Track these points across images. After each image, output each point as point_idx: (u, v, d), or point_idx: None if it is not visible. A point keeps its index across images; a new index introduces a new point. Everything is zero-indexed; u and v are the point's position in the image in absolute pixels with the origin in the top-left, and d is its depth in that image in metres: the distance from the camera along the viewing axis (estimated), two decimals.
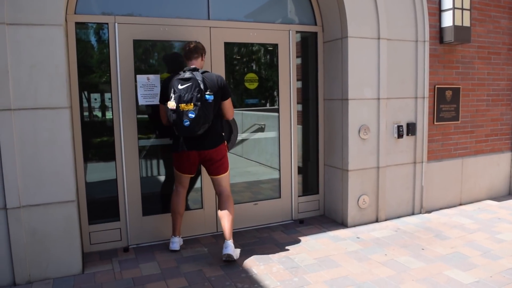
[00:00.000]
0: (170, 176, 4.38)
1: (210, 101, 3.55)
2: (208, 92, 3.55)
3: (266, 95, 4.95)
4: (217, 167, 3.86)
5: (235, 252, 3.79)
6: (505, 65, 5.87)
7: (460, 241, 4.27)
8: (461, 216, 5.11)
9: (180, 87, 3.53)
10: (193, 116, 3.48)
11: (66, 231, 3.49)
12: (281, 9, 4.86)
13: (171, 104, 3.53)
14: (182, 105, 3.49)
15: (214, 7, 4.37)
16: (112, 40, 3.94)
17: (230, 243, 3.77)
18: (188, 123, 3.49)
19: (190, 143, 3.74)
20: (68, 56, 3.68)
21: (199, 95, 3.48)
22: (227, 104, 3.81)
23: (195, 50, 3.79)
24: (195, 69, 3.65)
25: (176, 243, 4.06)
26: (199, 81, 3.52)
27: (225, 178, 3.93)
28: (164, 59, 4.34)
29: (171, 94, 3.57)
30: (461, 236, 4.42)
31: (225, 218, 3.81)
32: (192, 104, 3.48)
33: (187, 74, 3.57)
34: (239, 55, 4.80)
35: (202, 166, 4.16)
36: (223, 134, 3.91)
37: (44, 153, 3.36)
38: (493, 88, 5.80)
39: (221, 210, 3.86)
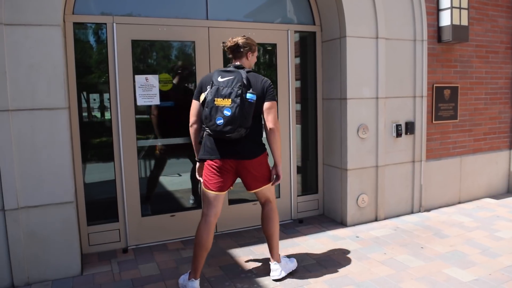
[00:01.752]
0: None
1: (252, 101, 3.02)
2: (251, 91, 3.03)
3: None
4: (259, 176, 3.26)
5: (284, 271, 3.45)
6: (503, 63, 5.87)
7: (459, 239, 4.27)
8: (460, 214, 5.12)
9: (220, 79, 3.03)
10: (229, 114, 2.93)
11: (64, 232, 3.47)
12: (280, 9, 4.85)
13: (207, 97, 3.02)
14: (219, 100, 2.97)
15: (213, 7, 4.37)
16: (110, 40, 3.92)
17: (273, 265, 3.43)
18: (221, 121, 2.94)
19: (225, 150, 3.11)
20: (66, 56, 3.67)
21: (239, 91, 2.96)
22: (270, 106, 3.15)
23: (237, 48, 3.23)
24: (240, 67, 3.16)
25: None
26: (240, 75, 3.03)
27: (266, 190, 3.35)
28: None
29: (207, 87, 3.07)
30: (460, 234, 4.42)
31: (269, 237, 3.42)
32: (230, 100, 2.95)
33: (231, 68, 3.14)
34: None
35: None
36: (262, 143, 3.31)
37: (42, 154, 3.34)
38: (491, 86, 5.81)
39: (263, 227, 3.43)
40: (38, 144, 3.33)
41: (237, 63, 3.23)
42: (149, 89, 4.09)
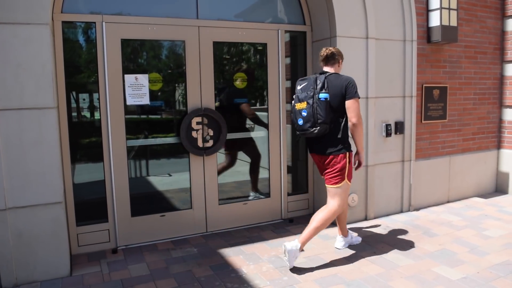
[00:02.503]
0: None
1: (323, 99, 3.47)
2: (323, 91, 3.49)
3: (256, 95, 4.95)
4: (329, 176, 3.65)
5: (294, 259, 3.60)
6: (491, 64, 5.94)
7: (448, 238, 4.31)
8: (449, 213, 5.17)
9: (298, 88, 3.65)
10: (305, 114, 3.53)
11: (53, 233, 3.45)
12: (270, 8, 4.86)
13: (292, 105, 3.69)
14: (298, 104, 3.60)
15: (203, 7, 4.36)
16: (99, 39, 3.90)
17: (295, 243, 3.58)
18: (301, 121, 3.56)
19: (311, 145, 3.76)
20: (55, 55, 3.64)
21: (311, 93, 3.51)
22: (349, 104, 3.52)
23: (332, 56, 3.72)
24: (323, 73, 3.65)
25: (338, 241, 4.10)
26: (313, 80, 3.57)
27: (334, 190, 3.66)
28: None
29: (293, 96, 3.70)
30: (449, 233, 4.46)
31: (312, 224, 3.64)
32: (305, 102, 3.53)
33: (307, 76, 3.73)
34: (228, 55, 4.79)
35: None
36: (345, 143, 3.64)
37: (30, 154, 3.31)
38: (479, 87, 5.86)
39: (315, 216, 3.70)
40: (26, 144, 3.30)
41: (327, 68, 3.73)
42: (138, 89, 4.07)
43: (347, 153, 3.62)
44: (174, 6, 4.25)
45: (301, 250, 3.62)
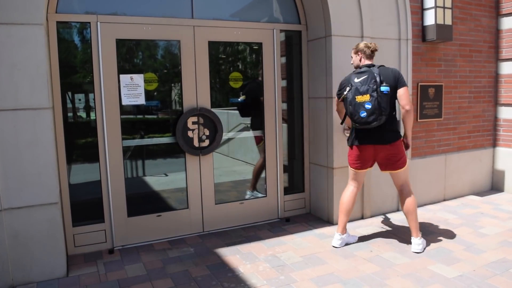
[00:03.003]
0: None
1: (386, 92, 3.62)
2: (384, 84, 3.63)
3: None
4: (395, 162, 3.87)
5: (423, 246, 3.96)
6: (486, 62, 5.96)
7: (444, 236, 4.32)
8: (445, 212, 5.18)
9: (356, 80, 3.70)
10: (370, 107, 3.59)
11: (49, 233, 3.44)
12: (266, 8, 4.86)
13: (348, 97, 3.71)
14: (358, 97, 3.64)
15: (198, 6, 4.35)
16: (94, 39, 3.89)
17: (417, 240, 3.92)
18: (364, 114, 3.61)
19: (365, 138, 3.83)
20: (49, 56, 3.63)
21: (374, 87, 3.59)
22: (402, 91, 3.76)
23: (375, 50, 3.95)
24: (372, 65, 3.80)
25: (336, 239, 4.12)
26: (375, 73, 3.66)
27: (404, 173, 3.95)
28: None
29: (347, 88, 3.74)
30: (445, 231, 4.47)
31: (410, 216, 3.93)
32: (368, 95, 3.60)
33: (363, 69, 3.77)
34: (223, 54, 4.79)
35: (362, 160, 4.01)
36: (398, 129, 3.98)
37: (25, 154, 3.30)
38: (474, 85, 5.88)
39: (405, 208, 3.95)
40: (22, 145, 3.29)
41: (369, 62, 3.90)
42: (134, 89, 4.07)
43: (401, 137, 3.92)
44: (169, 6, 4.25)
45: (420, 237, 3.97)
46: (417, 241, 3.92)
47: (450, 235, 4.36)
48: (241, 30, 4.55)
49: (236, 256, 3.89)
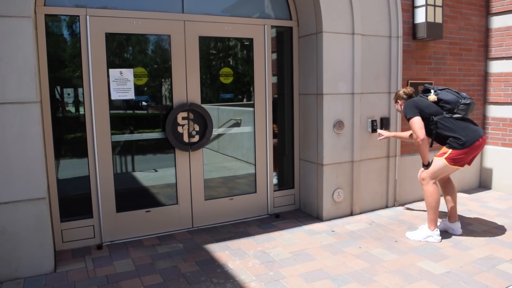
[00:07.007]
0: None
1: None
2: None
3: (242, 90, 4.94)
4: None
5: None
6: (475, 61, 6.00)
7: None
8: None
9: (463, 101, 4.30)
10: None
11: (37, 229, 3.40)
12: (257, 3, 4.84)
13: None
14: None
15: (189, 1, 4.32)
16: (83, 33, 3.85)
17: (457, 224, 4.37)
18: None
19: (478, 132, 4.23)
20: (38, 49, 3.59)
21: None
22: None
23: (411, 95, 4.40)
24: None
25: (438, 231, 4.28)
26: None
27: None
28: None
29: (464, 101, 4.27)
30: None
31: (455, 203, 4.37)
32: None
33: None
34: (214, 50, 4.77)
35: None
36: None
37: (12, 149, 3.26)
38: (464, 83, 5.92)
39: (451, 196, 4.37)
40: (9, 139, 3.24)
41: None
42: (123, 83, 4.03)
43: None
44: (160, 0, 4.21)
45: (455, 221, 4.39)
46: (458, 225, 4.37)
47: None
48: (232, 26, 4.53)
49: (226, 252, 3.89)
